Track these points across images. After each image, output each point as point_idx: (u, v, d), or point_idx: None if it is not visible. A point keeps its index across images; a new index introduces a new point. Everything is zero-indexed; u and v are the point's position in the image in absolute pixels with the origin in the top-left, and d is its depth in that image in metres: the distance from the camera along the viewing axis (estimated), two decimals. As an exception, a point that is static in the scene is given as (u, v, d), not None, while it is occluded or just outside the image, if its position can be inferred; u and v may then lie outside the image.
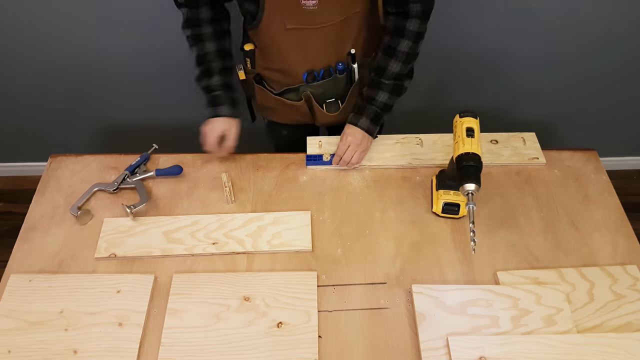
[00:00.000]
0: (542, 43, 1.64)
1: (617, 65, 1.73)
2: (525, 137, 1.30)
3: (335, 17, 1.09)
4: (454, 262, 1.08)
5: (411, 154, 1.26)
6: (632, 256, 1.09)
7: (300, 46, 1.15)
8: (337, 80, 1.24)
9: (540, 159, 1.25)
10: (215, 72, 1.17)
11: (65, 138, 1.98)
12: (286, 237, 1.11)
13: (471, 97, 1.85)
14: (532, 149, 1.28)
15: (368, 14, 1.15)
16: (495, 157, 1.26)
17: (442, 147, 1.28)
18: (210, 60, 1.17)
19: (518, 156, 1.26)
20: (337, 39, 1.15)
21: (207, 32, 1.16)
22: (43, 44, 1.62)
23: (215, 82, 1.18)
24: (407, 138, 1.30)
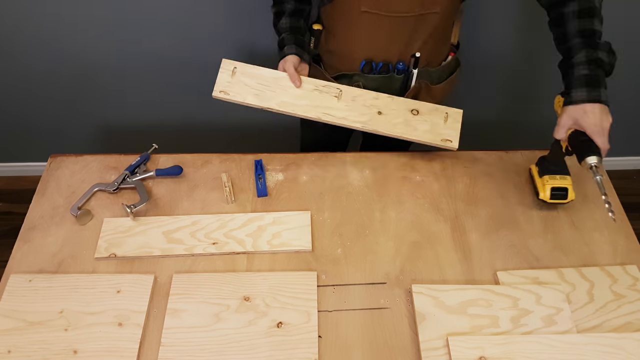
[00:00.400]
0: (541, 43, 1.64)
1: (617, 65, 1.73)
2: (450, 113, 1.20)
3: (412, 10, 1.07)
4: (454, 262, 1.08)
5: (325, 106, 1.18)
6: (632, 256, 1.09)
7: (368, 32, 1.13)
8: (392, 79, 1.22)
9: (453, 143, 1.17)
10: (286, 12, 1.17)
11: (65, 138, 1.98)
12: (286, 237, 1.11)
13: (471, 97, 1.85)
14: (451, 128, 1.18)
15: (444, 20, 1.13)
16: (408, 130, 1.17)
17: (360, 106, 1.18)
18: (283, 1, 1.17)
19: (432, 134, 1.17)
20: (407, 34, 1.13)
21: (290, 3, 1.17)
22: (43, 44, 1.62)
23: (283, 24, 1.18)
24: (327, 87, 1.20)
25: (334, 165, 1.25)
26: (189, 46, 1.63)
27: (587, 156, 0.94)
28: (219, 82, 1.20)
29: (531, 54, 1.68)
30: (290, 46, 1.17)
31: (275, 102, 1.18)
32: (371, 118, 1.18)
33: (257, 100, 1.18)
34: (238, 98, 1.18)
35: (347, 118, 1.18)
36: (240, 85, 1.19)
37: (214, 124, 1.92)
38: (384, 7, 1.07)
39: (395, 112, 1.18)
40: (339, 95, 1.19)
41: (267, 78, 1.20)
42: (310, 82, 1.20)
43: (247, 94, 1.19)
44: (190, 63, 1.68)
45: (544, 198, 1.13)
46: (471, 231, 1.13)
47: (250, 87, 1.19)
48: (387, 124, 1.17)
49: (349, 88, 1.20)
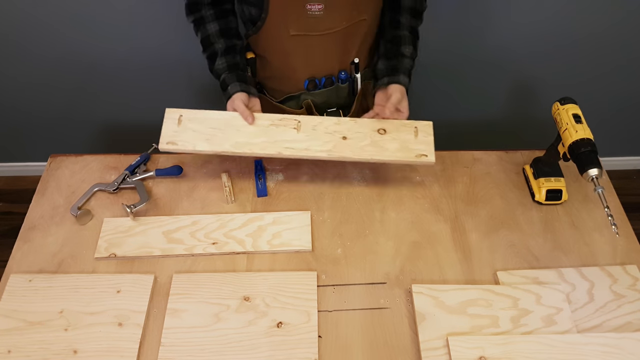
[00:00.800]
0: (541, 44, 1.65)
1: (617, 65, 1.73)
2: (419, 126, 1.12)
3: (339, 24, 1.07)
4: (454, 262, 1.08)
5: (284, 140, 1.10)
6: (632, 256, 1.09)
7: (303, 53, 1.13)
8: (339, 89, 1.22)
9: (429, 157, 1.09)
10: (219, 53, 1.13)
11: (65, 138, 1.98)
12: (286, 237, 1.11)
13: (471, 97, 1.85)
14: (423, 142, 1.11)
15: (373, 24, 1.14)
16: (378, 151, 1.10)
17: (322, 134, 1.11)
18: (213, 43, 1.14)
19: (405, 151, 1.10)
20: (341, 46, 1.14)
21: (209, 13, 1.13)
22: (43, 44, 1.62)
23: (219, 64, 1.13)
24: (284, 120, 1.12)
25: (334, 165, 1.25)
26: (189, 46, 1.63)
27: (588, 168, 0.96)
28: (165, 133, 1.11)
29: (531, 54, 1.68)
30: (234, 84, 1.12)
31: (230, 144, 1.09)
32: (335, 145, 1.10)
33: (208, 145, 1.09)
34: (188, 147, 1.09)
35: (310, 149, 1.10)
36: (188, 133, 1.10)
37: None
38: (312, 27, 1.07)
39: (360, 135, 1.11)
40: (298, 126, 1.11)
41: (217, 120, 1.11)
42: (264, 117, 1.12)
43: (197, 140, 1.10)
44: (191, 63, 1.68)
45: (540, 200, 1.17)
46: (471, 231, 1.13)
47: (199, 133, 1.10)
48: (354, 148, 1.10)
49: (307, 117, 1.12)
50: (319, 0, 1.02)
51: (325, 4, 1.03)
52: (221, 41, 1.13)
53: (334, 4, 1.03)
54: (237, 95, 1.11)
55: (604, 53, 1.68)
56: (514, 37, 1.63)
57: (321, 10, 1.03)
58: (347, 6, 1.05)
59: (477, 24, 1.59)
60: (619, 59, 1.71)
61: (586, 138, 0.99)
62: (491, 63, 1.71)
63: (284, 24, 1.07)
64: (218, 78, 1.15)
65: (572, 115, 1.03)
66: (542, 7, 1.54)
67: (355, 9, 1.07)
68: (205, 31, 1.14)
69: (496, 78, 1.77)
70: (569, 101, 1.06)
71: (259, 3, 1.05)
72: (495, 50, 1.66)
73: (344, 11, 1.06)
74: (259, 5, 1.05)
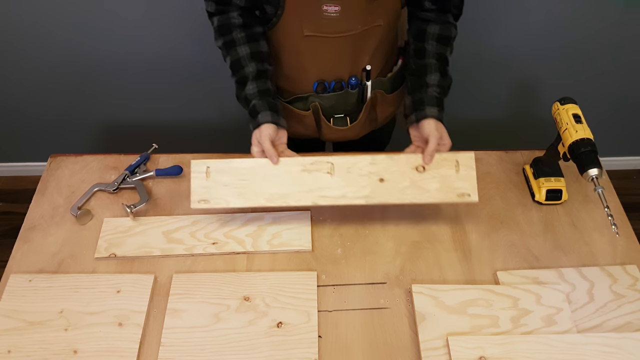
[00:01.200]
0: (541, 44, 1.65)
1: (617, 65, 1.73)
2: (460, 160, 1.04)
3: (355, 28, 1.05)
4: (454, 262, 1.08)
5: (319, 188, 1.04)
6: (632, 256, 1.09)
7: (315, 55, 1.11)
8: (348, 94, 1.19)
9: (472, 196, 1.02)
10: (249, 78, 1.09)
11: (65, 138, 1.98)
12: (286, 237, 1.11)
13: (471, 98, 1.85)
14: (465, 179, 1.03)
15: (389, 31, 1.12)
16: (418, 193, 1.03)
17: (357, 177, 1.04)
18: (243, 66, 1.09)
19: (445, 191, 1.03)
20: (354, 51, 1.11)
21: (240, 36, 1.09)
22: (43, 44, 1.62)
23: (250, 89, 1.08)
24: (316, 163, 1.05)
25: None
26: (189, 46, 1.63)
27: (588, 168, 0.96)
28: (195, 190, 1.04)
29: (531, 54, 1.68)
30: (265, 113, 1.05)
31: (264, 197, 1.04)
32: (373, 189, 1.03)
33: (242, 201, 1.04)
34: (221, 203, 1.04)
35: (347, 195, 1.03)
36: (219, 189, 1.04)
37: (214, 124, 1.92)
38: (326, 28, 1.04)
39: (398, 174, 1.04)
40: (331, 170, 1.04)
41: (246, 170, 1.05)
42: (295, 162, 1.05)
43: (229, 196, 1.04)
44: (191, 63, 1.68)
45: (540, 200, 1.17)
46: (471, 231, 1.13)
47: (230, 187, 1.04)
48: (393, 190, 1.03)
49: (340, 159, 1.05)
50: (336, 2, 1.00)
51: (342, 6, 1.01)
52: (252, 65, 1.09)
53: (350, 6, 1.01)
54: (265, 127, 1.04)
55: (604, 53, 1.68)
56: (513, 37, 1.63)
57: (337, 12, 1.01)
58: (363, 9, 1.03)
59: (477, 24, 1.59)
60: (619, 59, 1.71)
61: (586, 138, 0.99)
62: (491, 63, 1.71)
63: (299, 24, 1.05)
64: (247, 103, 1.09)
65: (572, 115, 1.03)
66: (542, 7, 1.54)
67: (371, 14, 1.04)
68: (236, 54, 1.10)
69: (496, 78, 1.77)
70: (569, 101, 1.06)
71: (275, 1, 1.03)
72: (495, 50, 1.66)
73: (360, 14, 1.03)
74: (275, 3, 1.03)
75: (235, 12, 1.09)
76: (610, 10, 1.55)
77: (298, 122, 1.25)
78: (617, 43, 1.65)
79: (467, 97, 1.84)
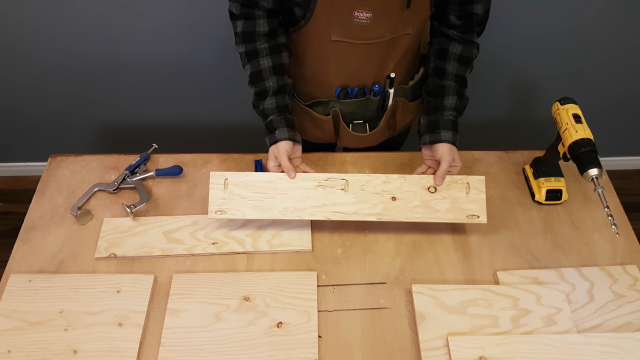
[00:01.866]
0: (541, 44, 1.65)
1: (617, 65, 1.73)
2: (471, 182, 1.08)
3: (384, 35, 1.04)
4: (454, 262, 1.08)
5: (332, 204, 1.07)
6: (632, 256, 1.09)
7: (341, 60, 1.10)
8: (369, 101, 1.18)
9: (480, 218, 1.06)
10: (269, 92, 1.10)
11: (65, 138, 1.98)
12: (286, 237, 1.11)
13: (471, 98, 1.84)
14: (474, 201, 1.07)
15: (416, 40, 1.12)
16: (428, 213, 1.07)
17: (370, 194, 1.07)
18: (264, 79, 1.09)
19: (455, 212, 1.07)
20: (380, 58, 1.10)
21: (263, 47, 1.08)
22: (42, 45, 1.62)
23: (269, 104, 1.10)
24: (330, 180, 1.09)
25: (334, 165, 1.25)
26: (189, 46, 1.63)
27: (588, 168, 0.96)
28: (213, 200, 1.08)
29: (531, 54, 1.68)
30: (282, 130, 1.08)
31: (278, 211, 1.07)
32: (385, 206, 1.07)
33: (258, 213, 1.07)
34: (237, 215, 1.07)
35: (359, 212, 1.07)
36: (236, 200, 1.07)
37: (214, 124, 1.92)
38: (355, 35, 1.03)
39: (410, 194, 1.07)
40: (345, 186, 1.08)
41: (262, 184, 1.08)
42: (311, 178, 1.09)
43: (245, 208, 1.07)
44: (191, 63, 1.68)
45: (540, 200, 1.17)
46: (471, 231, 1.13)
47: (247, 200, 1.07)
48: (404, 210, 1.07)
49: (354, 176, 1.09)
50: (368, 8, 0.98)
51: (374, 13, 0.99)
52: (273, 79, 1.09)
53: (382, 14, 1.00)
54: (283, 144, 1.07)
55: (604, 53, 1.68)
56: (514, 37, 1.62)
57: (368, 19, 0.99)
58: (395, 17, 1.01)
59: (477, 24, 1.58)
60: (619, 59, 1.71)
61: (586, 138, 0.99)
62: (491, 63, 1.71)
63: (327, 28, 1.03)
64: (264, 116, 1.11)
65: (572, 115, 1.03)
66: (542, 7, 1.54)
67: (401, 21, 1.03)
68: (258, 66, 1.09)
69: (496, 78, 1.77)
70: (569, 101, 1.06)
71: (306, 3, 1.00)
72: (495, 50, 1.66)
73: (391, 22, 1.02)
74: (305, 5, 1.00)
75: (262, 16, 1.06)
76: (610, 10, 1.55)
77: (316, 127, 1.24)
78: (617, 43, 1.65)
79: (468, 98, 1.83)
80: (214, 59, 1.66)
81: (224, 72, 1.71)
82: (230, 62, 1.65)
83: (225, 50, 1.61)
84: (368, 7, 0.98)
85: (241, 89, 1.75)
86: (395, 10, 1.00)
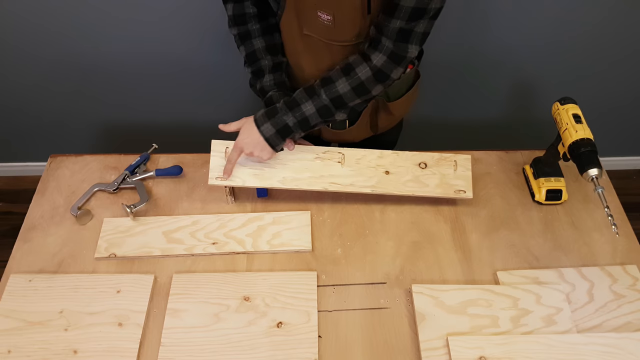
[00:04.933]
0: (541, 44, 1.65)
1: (617, 65, 1.73)
2: (458, 160, 1.15)
3: (349, 39, 1.04)
4: (454, 262, 1.08)
5: (329, 175, 1.12)
6: (632, 256, 1.09)
7: (313, 55, 1.11)
8: None
9: (467, 193, 1.12)
10: (266, 70, 1.13)
11: (65, 138, 1.98)
12: (286, 237, 1.11)
13: (471, 98, 1.85)
14: (461, 177, 1.13)
15: None
16: (419, 187, 1.12)
17: (365, 168, 1.13)
18: (259, 58, 1.12)
19: (444, 187, 1.12)
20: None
21: (255, 28, 1.11)
22: (43, 44, 1.62)
23: (267, 81, 1.12)
24: (328, 152, 1.14)
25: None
26: (189, 46, 1.63)
27: (588, 168, 0.96)
28: (213, 167, 1.11)
29: (531, 54, 1.68)
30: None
31: (277, 180, 1.11)
32: (379, 180, 1.12)
33: (258, 181, 1.11)
34: (237, 182, 1.10)
35: (355, 184, 1.12)
36: (236, 168, 1.11)
37: (214, 124, 1.91)
38: (323, 33, 1.04)
39: (402, 169, 1.14)
40: (342, 159, 1.13)
41: None
42: (309, 150, 1.14)
43: (245, 176, 1.11)
44: (191, 63, 1.68)
45: (540, 200, 1.17)
46: (471, 231, 1.13)
47: (247, 168, 1.11)
48: (397, 183, 1.12)
49: (351, 150, 1.14)
50: (328, 11, 0.99)
51: (334, 16, 1.00)
52: (268, 58, 1.13)
53: (342, 17, 1.00)
54: None
55: (604, 53, 1.68)
56: (513, 37, 1.62)
57: (330, 22, 1.01)
58: (357, 22, 1.01)
59: (477, 24, 1.59)
60: (619, 59, 1.71)
61: (586, 138, 0.99)
62: (491, 63, 1.71)
63: (297, 22, 1.06)
64: (263, 93, 1.14)
65: (572, 115, 1.03)
66: (542, 7, 1.54)
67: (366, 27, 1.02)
68: (252, 46, 1.13)
69: (496, 78, 1.77)
70: (569, 101, 1.06)
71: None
72: (495, 50, 1.66)
73: (354, 27, 1.02)
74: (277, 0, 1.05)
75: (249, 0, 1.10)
76: (610, 10, 1.55)
77: None
78: (617, 43, 1.65)
79: (468, 97, 1.84)
80: (214, 58, 1.66)
81: (224, 72, 1.71)
82: (231, 62, 1.65)
83: (225, 50, 1.61)
84: (328, 9, 0.98)
85: (241, 89, 1.75)
86: (356, 16, 0.99)
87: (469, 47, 1.66)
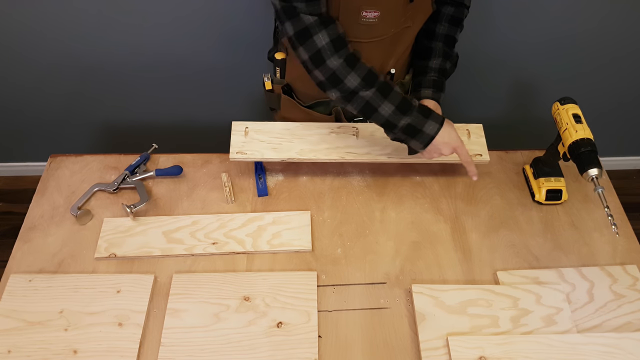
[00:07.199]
0: (541, 43, 1.65)
1: (617, 65, 1.73)
2: (470, 129, 1.21)
3: (388, 31, 1.05)
4: (454, 262, 1.08)
5: (345, 146, 1.17)
6: (632, 256, 1.09)
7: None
8: None
9: (484, 157, 1.17)
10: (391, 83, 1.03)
11: (65, 138, 1.98)
12: (286, 237, 1.11)
13: (471, 98, 1.85)
14: (476, 144, 1.18)
15: (415, 32, 1.11)
16: None
17: (380, 139, 1.17)
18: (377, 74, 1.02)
19: None
20: (383, 55, 1.11)
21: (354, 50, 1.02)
22: (42, 45, 1.62)
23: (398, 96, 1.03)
24: (343, 127, 1.20)
25: (334, 165, 1.25)
26: (189, 46, 1.63)
27: (588, 168, 0.96)
28: (234, 144, 1.18)
29: (531, 53, 1.68)
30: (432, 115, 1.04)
31: (295, 152, 1.15)
32: (396, 148, 1.15)
33: (276, 153, 1.16)
34: (256, 155, 1.16)
35: (371, 153, 1.16)
36: (255, 143, 1.17)
37: (214, 124, 1.92)
38: (360, 35, 1.03)
39: None
40: (357, 133, 1.18)
41: (280, 131, 1.19)
42: (324, 126, 1.19)
43: (264, 149, 1.16)
44: (191, 63, 1.68)
45: (540, 199, 1.17)
46: (471, 231, 1.13)
47: (266, 143, 1.17)
48: None
49: (364, 125, 1.19)
50: (376, 8, 0.98)
51: (381, 11, 0.99)
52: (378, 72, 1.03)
53: (389, 11, 1.00)
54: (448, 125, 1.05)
55: (604, 53, 1.68)
56: (513, 36, 1.62)
57: (376, 18, 0.99)
58: (399, 13, 1.02)
59: (478, 24, 1.59)
60: (619, 59, 1.71)
61: (586, 138, 0.99)
62: (491, 62, 1.71)
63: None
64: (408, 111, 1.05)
65: (572, 115, 1.03)
66: (542, 7, 1.54)
67: (404, 15, 1.04)
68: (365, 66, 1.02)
69: (496, 78, 1.77)
70: (569, 101, 1.06)
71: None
72: (495, 49, 1.66)
73: (397, 18, 1.02)
74: None
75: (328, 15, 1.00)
76: (610, 10, 1.55)
77: None
78: (617, 43, 1.65)
79: (467, 96, 1.84)
80: (214, 58, 1.66)
81: (224, 72, 1.71)
82: (231, 62, 1.65)
83: (225, 51, 1.61)
84: (376, 6, 0.98)
85: (241, 89, 1.75)
86: (400, 6, 1.00)
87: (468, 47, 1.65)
